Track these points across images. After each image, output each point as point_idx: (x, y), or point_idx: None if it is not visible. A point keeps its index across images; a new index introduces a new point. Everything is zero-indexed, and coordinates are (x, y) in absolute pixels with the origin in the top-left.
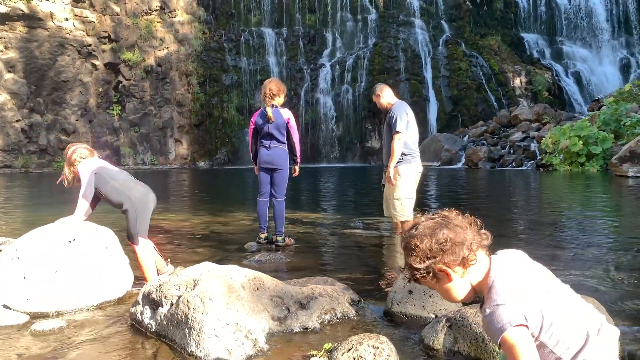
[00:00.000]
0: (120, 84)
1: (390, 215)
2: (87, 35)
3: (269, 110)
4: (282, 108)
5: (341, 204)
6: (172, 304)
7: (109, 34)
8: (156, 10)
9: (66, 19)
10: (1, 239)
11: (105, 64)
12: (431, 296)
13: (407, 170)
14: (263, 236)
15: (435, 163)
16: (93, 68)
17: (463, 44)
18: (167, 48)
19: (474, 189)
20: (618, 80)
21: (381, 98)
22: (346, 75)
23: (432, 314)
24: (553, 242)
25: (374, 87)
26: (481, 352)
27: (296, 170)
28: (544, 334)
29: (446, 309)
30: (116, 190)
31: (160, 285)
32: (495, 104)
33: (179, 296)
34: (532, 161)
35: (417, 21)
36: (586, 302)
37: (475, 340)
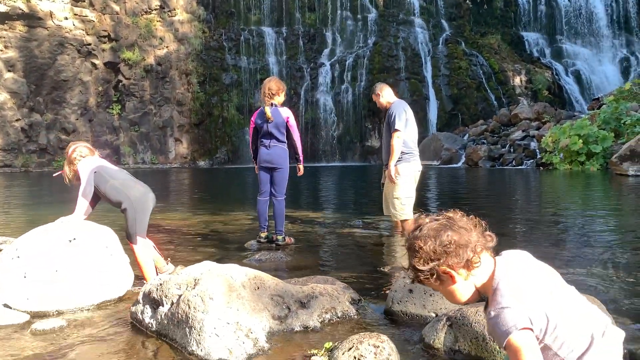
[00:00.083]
0: (120, 83)
1: (389, 214)
2: (87, 34)
3: (268, 109)
4: (282, 107)
5: (341, 203)
6: (173, 303)
7: (109, 33)
8: (156, 9)
9: (66, 18)
10: (1, 238)
11: (105, 63)
12: (431, 295)
13: (407, 169)
14: (263, 235)
15: (435, 162)
16: (93, 67)
17: (463, 43)
18: (167, 47)
19: (474, 188)
20: (618, 79)
21: (381, 97)
22: (346, 74)
23: (433, 313)
24: (553, 241)
25: (374, 87)
26: (482, 351)
27: (300, 169)
28: (548, 337)
29: (446, 308)
30: (115, 189)
31: (160, 284)
32: (495, 103)
33: (180, 295)
34: (532, 160)
35: (417, 20)
36: (591, 304)
37: (475, 339)
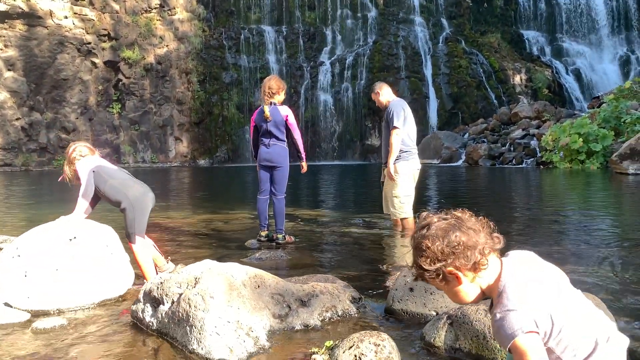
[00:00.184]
0: (120, 82)
1: (389, 212)
2: (87, 33)
3: (267, 108)
4: (281, 106)
5: (341, 202)
6: (173, 302)
7: (109, 32)
8: (156, 8)
9: (65, 17)
10: (2, 237)
11: (105, 62)
12: (432, 293)
13: (405, 167)
14: (263, 234)
15: (435, 161)
16: (93, 66)
17: (463, 42)
18: (167, 46)
19: (474, 187)
20: (618, 77)
21: (380, 96)
22: (346, 72)
23: (433, 312)
24: (553, 239)
25: (373, 85)
26: (482, 350)
27: (304, 166)
28: (553, 340)
29: (447, 307)
30: (114, 188)
31: (161, 283)
32: (495, 102)
33: (180, 294)
34: (532, 159)
35: (417, 18)
36: (597, 308)
37: (476, 337)
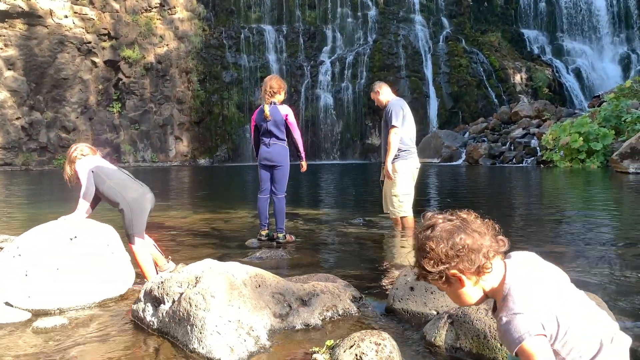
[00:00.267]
0: (120, 82)
1: (388, 211)
2: (87, 32)
3: (267, 108)
4: (281, 105)
5: (342, 201)
6: (174, 301)
7: (109, 31)
8: (156, 7)
9: (66, 16)
10: (2, 237)
11: (105, 62)
12: (432, 293)
13: (404, 166)
14: (264, 233)
15: (435, 160)
16: (93, 65)
17: (463, 41)
18: (167, 45)
19: (475, 186)
20: (618, 76)
21: (380, 95)
22: (346, 72)
23: (434, 311)
24: (554, 239)
25: (373, 85)
26: (483, 349)
27: (303, 166)
28: (558, 342)
29: (448, 306)
30: (112, 189)
31: (162, 282)
32: (495, 101)
33: (181, 293)
34: (533, 158)
35: (417, 17)
36: (600, 309)
37: (477, 336)
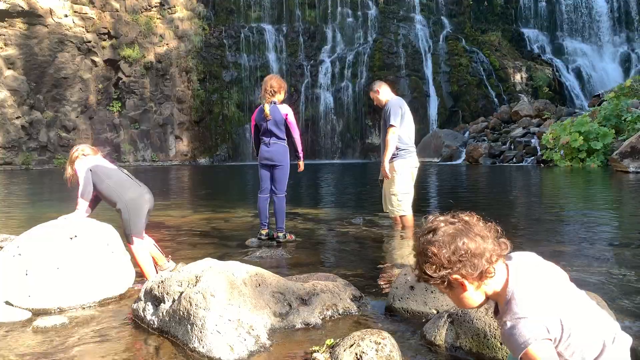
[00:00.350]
0: (120, 81)
1: (387, 210)
2: (87, 31)
3: (267, 107)
4: (281, 104)
5: (342, 200)
6: (174, 300)
7: (109, 31)
8: (156, 6)
9: (65, 16)
10: (3, 236)
11: (105, 61)
12: (433, 292)
13: (402, 165)
14: (264, 232)
15: (435, 159)
16: (93, 65)
17: (463, 40)
18: (167, 44)
19: (475, 185)
20: (619, 75)
21: (379, 94)
22: (346, 71)
23: (434, 310)
24: (554, 238)
25: (372, 84)
26: (483, 348)
27: (301, 165)
28: (562, 345)
29: (448, 305)
30: (110, 189)
31: (162, 281)
32: (495, 100)
33: (181, 292)
34: (533, 157)
35: (418, 17)
36: (600, 308)
37: (477, 335)
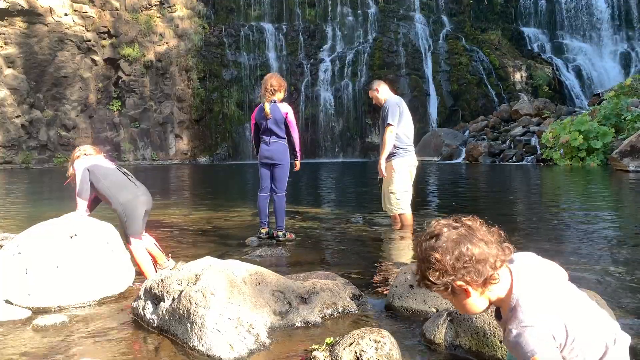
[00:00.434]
0: (120, 80)
1: (386, 209)
2: (87, 30)
3: (267, 106)
4: (281, 103)
5: (341, 199)
6: (174, 299)
7: (109, 29)
8: (155, 5)
9: (65, 14)
10: (2, 235)
11: (105, 60)
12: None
13: (400, 163)
14: (264, 231)
15: (435, 158)
16: (93, 63)
17: (463, 39)
18: (167, 43)
19: (475, 184)
20: (619, 74)
21: (378, 93)
22: (346, 70)
23: (434, 308)
24: (554, 237)
25: (371, 83)
26: (482, 346)
27: (297, 165)
28: (566, 349)
29: (447, 304)
30: (106, 189)
31: (162, 280)
32: (495, 99)
33: (181, 291)
34: (533, 156)
35: (418, 15)
36: (601, 309)
37: (476, 334)
